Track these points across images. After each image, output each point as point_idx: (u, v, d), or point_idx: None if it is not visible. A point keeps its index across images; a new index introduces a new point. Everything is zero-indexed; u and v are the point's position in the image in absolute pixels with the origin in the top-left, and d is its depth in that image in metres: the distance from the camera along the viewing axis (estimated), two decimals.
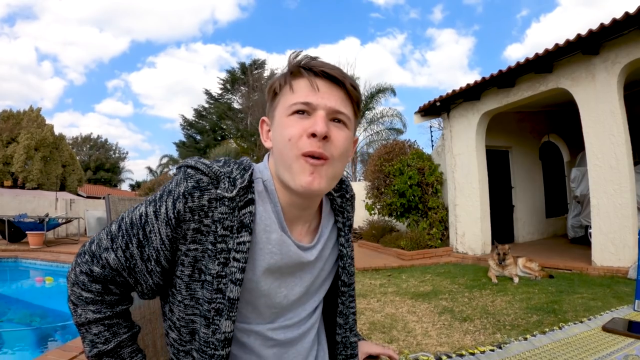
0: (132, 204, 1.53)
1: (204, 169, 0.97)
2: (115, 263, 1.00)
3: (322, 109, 0.99)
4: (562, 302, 5.39)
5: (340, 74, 1.02)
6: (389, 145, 12.56)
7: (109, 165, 48.24)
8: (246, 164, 1.03)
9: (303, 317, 1.15)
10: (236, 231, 0.96)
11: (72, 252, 12.13)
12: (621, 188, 6.93)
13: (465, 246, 10.05)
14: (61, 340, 5.42)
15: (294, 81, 1.01)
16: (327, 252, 1.18)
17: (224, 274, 0.95)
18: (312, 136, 0.97)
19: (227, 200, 0.95)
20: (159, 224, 0.97)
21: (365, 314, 5.40)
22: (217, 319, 0.96)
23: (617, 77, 6.95)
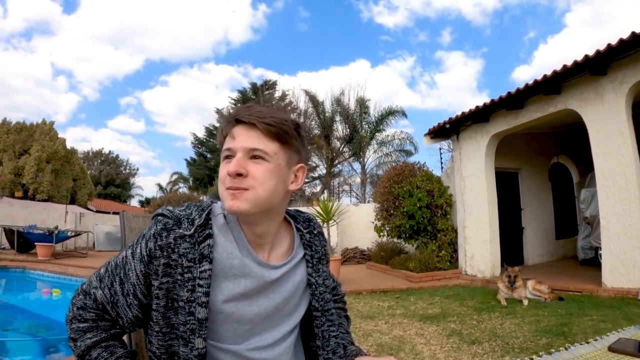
0: (145, 221, 1.67)
1: (168, 214, 1.18)
2: (102, 298, 1.17)
3: (239, 150, 1.17)
4: (571, 324, 5.34)
5: (255, 117, 1.18)
6: (399, 167, 12.58)
7: (119, 181, 48.45)
8: (204, 205, 1.25)
9: (278, 339, 1.27)
10: (198, 262, 1.13)
11: (80, 265, 12.22)
12: (630, 208, 6.88)
13: (475, 268, 9.99)
14: (65, 353, 5.45)
15: (226, 132, 1.22)
16: (298, 279, 1.33)
17: (193, 299, 1.11)
18: (229, 174, 1.15)
19: (187, 237, 1.14)
20: (135, 262, 1.15)
21: (373, 336, 5.38)
22: (192, 337, 1.11)
23: (625, 97, 6.95)
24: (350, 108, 28.24)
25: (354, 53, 69.42)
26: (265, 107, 1.27)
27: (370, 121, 28.08)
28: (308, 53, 67.05)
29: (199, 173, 38.22)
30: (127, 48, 71.13)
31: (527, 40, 67.25)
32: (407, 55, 67.71)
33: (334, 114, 28.55)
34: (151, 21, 67.98)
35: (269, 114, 1.20)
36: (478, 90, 66.20)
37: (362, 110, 28.08)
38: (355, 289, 8.76)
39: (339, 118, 28.50)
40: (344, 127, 28.63)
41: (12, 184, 27.30)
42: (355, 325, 5.93)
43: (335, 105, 28.48)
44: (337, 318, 1.53)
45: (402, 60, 64.57)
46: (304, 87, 32.07)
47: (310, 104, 28.72)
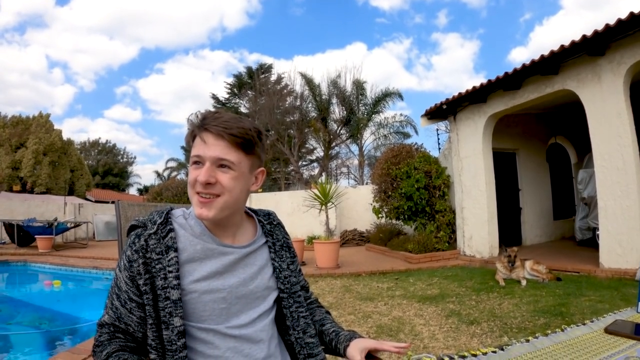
0: (140, 210, 1.76)
1: (137, 223, 1.36)
2: (109, 319, 1.33)
3: (208, 160, 1.30)
4: (569, 304, 5.39)
5: (222, 129, 1.31)
6: (396, 148, 12.57)
7: (117, 170, 48.33)
8: (164, 208, 1.42)
9: (254, 318, 1.40)
10: (165, 253, 1.29)
11: (81, 256, 12.28)
12: (628, 189, 6.91)
13: (473, 249, 10.04)
14: (69, 343, 5.46)
15: (195, 136, 1.35)
16: (261, 262, 1.48)
17: (166, 285, 1.26)
18: (199, 182, 1.30)
19: (153, 235, 1.31)
20: (121, 273, 1.32)
21: (373, 317, 5.43)
22: (171, 319, 1.25)
23: (623, 77, 6.94)
24: (346, 90, 28.13)
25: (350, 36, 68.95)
26: (231, 115, 1.39)
27: (367, 103, 28.03)
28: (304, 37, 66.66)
29: None
30: (122, 37, 70.72)
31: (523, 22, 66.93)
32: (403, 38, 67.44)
33: (331, 96, 28.45)
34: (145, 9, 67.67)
35: (235, 124, 1.33)
36: (475, 71, 66.01)
37: (359, 92, 27.99)
38: (354, 271, 8.84)
39: (336, 100, 28.40)
40: (340, 110, 28.52)
41: (10, 177, 27.25)
42: (355, 307, 5.99)
43: (332, 88, 28.37)
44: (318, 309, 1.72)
45: (399, 43, 64.26)
46: (300, 71, 31.88)
47: (307, 87, 28.61)
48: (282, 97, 30.19)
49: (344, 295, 6.75)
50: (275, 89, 31.82)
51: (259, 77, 33.65)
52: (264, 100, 29.33)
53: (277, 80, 34.47)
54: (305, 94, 29.17)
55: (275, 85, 33.05)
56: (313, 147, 31.88)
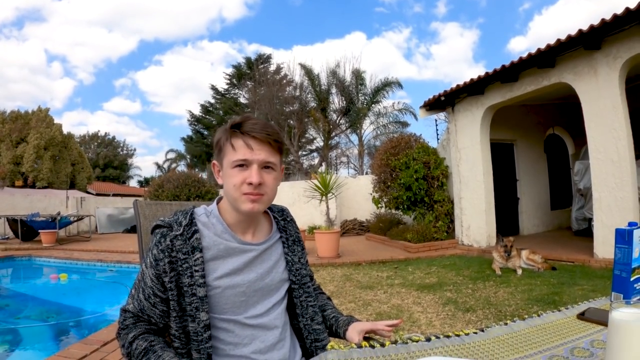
0: (157, 208, 1.87)
1: (162, 223, 1.45)
2: (133, 309, 1.44)
3: (256, 163, 1.43)
4: (562, 293, 5.54)
5: (266, 135, 1.45)
6: (395, 139, 12.64)
7: (117, 163, 48.23)
8: (187, 209, 1.51)
9: (269, 308, 1.54)
10: (191, 253, 1.40)
11: (84, 249, 12.38)
12: (622, 182, 7.05)
13: (471, 238, 10.20)
14: (77, 335, 5.60)
15: (234, 140, 1.45)
16: (276, 257, 1.61)
17: (193, 283, 1.38)
18: (249, 184, 1.42)
19: (179, 236, 1.41)
20: (147, 270, 1.43)
21: (372, 305, 5.59)
22: (197, 313, 1.37)
23: (619, 71, 7.03)
24: (346, 80, 28.10)
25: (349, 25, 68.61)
26: (264, 121, 1.54)
27: (367, 93, 28.00)
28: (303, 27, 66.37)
29: (197, 150, 38.19)
30: (120, 30, 70.21)
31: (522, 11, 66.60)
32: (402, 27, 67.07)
33: (330, 86, 28.43)
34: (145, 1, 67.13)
35: (273, 130, 1.48)
36: (474, 61, 65.75)
37: (358, 82, 27.96)
38: (354, 260, 8.99)
39: (335, 90, 28.38)
40: (340, 99, 28.51)
41: (12, 173, 27.25)
42: (355, 295, 6.14)
43: (331, 78, 28.32)
44: (320, 296, 1.89)
45: (398, 32, 64.05)
46: (299, 61, 31.94)
47: (306, 77, 28.58)
48: (281, 87, 30.18)
49: (345, 284, 6.90)
50: (274, 79, 31.81)
51: (258, 68, 33.62)
52: (263, 91, 29.34)
53: (276, 71, 34.45)
54: (304, 84, 29.17)
55: (275, 76, 33.02)
56: (313, 137, 31.88)
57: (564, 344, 1.20)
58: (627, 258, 1.45)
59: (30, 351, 5.27)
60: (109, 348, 3.89)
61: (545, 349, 1.17)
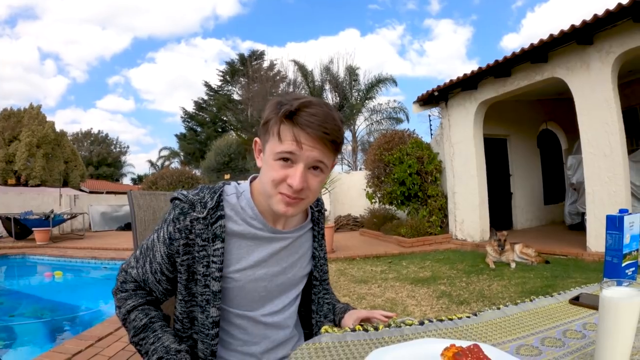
0: (151, 199, 1.80)
1: (183, 198, 1.28)
2: (136, 276, 1.34)
3: (303, 161, 1.21)
4: (555, 286, 5.57)
5: (323, 132, 1.19)
6: (389, 134, 12.71)
7: (110, 160, 48.15)
8: (217, 188, 1.33)
9: (286, 304, 1.45)
10: (211, 241, 1.26)
11: (79, 247, 12.32)
12: (615, 176, 7.09)
13: (464, 233, 10.23)
14: (71, 331, 5.59)
15: (282, 129, 1.21)
16: (303, 250, 1.49)
17: (208, 274, 1.25)
18: (289, 185, 1.21)
19: (201, 219, 1.25)
20: (159, 244, 1.30)
21: (367, 299, 5.62)
22: (208, 307, 1.27)
23: (611, 66, 7.07)
24: (339, 76, 28.21)
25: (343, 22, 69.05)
26: (326, 111, 1.24)
27: (360, 89, 28.15)
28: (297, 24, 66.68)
29: (190, 147, 38.12)
30: (114, 27, 70.44)
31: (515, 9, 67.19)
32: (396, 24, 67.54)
33: (324, 82, 28.52)
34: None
35: (332, 125, 1.22)
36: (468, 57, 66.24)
37: (352, 78, 28.07)
38: (349, 255, 9.01)
39: (329, 87, 28.48)
40: (333, 96, 28.59)
41: (4, 171, 27.14)
42: (350, 289, 6.17)
43: (325, 74, 28.44)
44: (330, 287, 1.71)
45: (392, 29, 64.49)
46: (292, 58, 31.88)
47: (299, 74, 28.68)
48: (274, 84, 30.18)
49: (339, 279, 6.92)
50: (267, 75, 31.82)
51: (251, 64, 33.65)
52: (256, 87, 29.34)
53: (269, 67, 34.47)
54: (298, 80, 29.26)
55: (268, 72, 33.03)
56: None
57: (556, 327, 1.22)
58: (619, 244, 1.47)
59: (25, 348, 5.25)
60: (104, 343, 3.89)
61: (537, 331, 1.19)
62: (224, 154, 24.27)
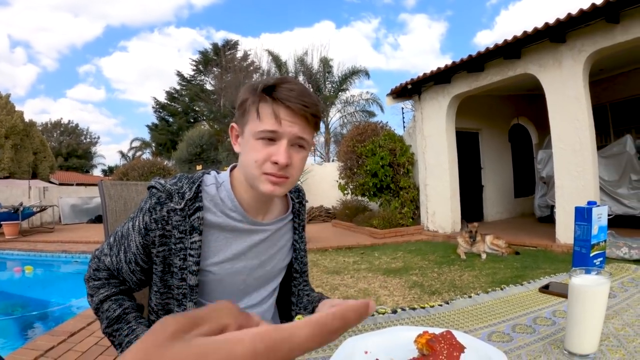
0: (122, 189, 1.75)
1: (160, 188, 1.24)
2: (110, 265, 1.29)
3: (286, 137, 1.18)
4: (525, 276, 5.66)
5: (302, 106, 1.18)
6: (362, 126, 12.76)
7: (80, 151, 47.10)
8: (195, 178, 1.29)
9: (264, 297, 1.43)
10: (189, 233, 1.22)
11: (49, 241, 12.09)
12: (584, 170, 7.24)
13: (436, 224, 10.34)
14: (43, 327, 5.47)
15: (261, 107, 1.18)
16: (282, 243, 1.46)
17: (185, 267, 1.22)
18: (274, 163, 1.18)
19: (178, 211, 1.21)
20: (134, 234, 1.25)
21: (340, 290, 5.64)
22: (184, 300, 1.23)
23: (583, 64, 7.20)
24: (313, 68, 28.19)
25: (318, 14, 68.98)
26: (303, 87, 1.24)
27: (334, 81, 28.16)
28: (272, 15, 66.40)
29: (162, 138, 37.69)
30: (87, 15, 69.22)
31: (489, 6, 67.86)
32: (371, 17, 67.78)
33: (297, 73, 28.39)
34: None
35: (311, 100, 1.21)
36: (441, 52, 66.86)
37: (326, 70, 28.06)
38: (321, 246, 9.04)
39: (303, 78, 28.35)
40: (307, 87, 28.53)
41: None
42: (322, 280, 6.19)
43: (299, 65, 28.34)
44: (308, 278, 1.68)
45: (367, 22, 64.79)
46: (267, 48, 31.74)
47: (273, 64, 28.53)
48: (248, 74, 29.94)
49: (312, 270, 6.93)
50: (241, 65, 31.60)
51: (225, 54, 33.37)
52: (229, 77, 29.13)
53: (243, 57, 34.25)
54: (272, 71, 29.05)
55: (242, 62, 32.82)
56: None
57: (527, 314, 1.24)
58: (587, 235, 1.51)
59: None
60: (76, 339, 3.84)
61: (508, 318, 1.21)
62: (196, 144, 24.02)
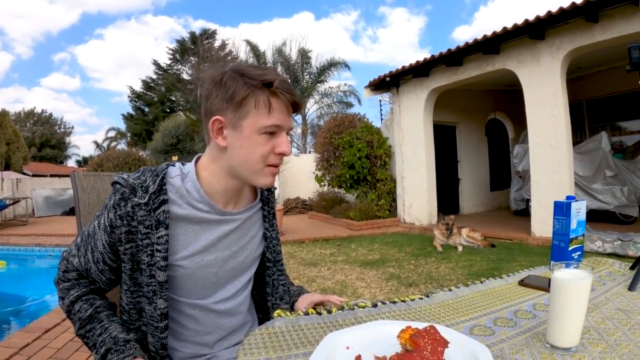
0: (96, 180, 1.69)
1: (123, 183, 1.20)
2: (78, 265, 1.26)
3: (286, 130, 1.23)
4: (501, 269, 5.74)
5: (301, 101, 1.24)
6: (339, 118, 12.74)
7: (54, 142, 46.10)
8: (159, 170, 1.24)
9: (238, 289, 1.40)
10: (155, 228, 1.18)
11: (22, 234, 11.84)
12: (560, 165, 7.36)
13: (412, 217, 10.40)
14: (17, 324, 5.41)
15: (273, 101, 1.18)
16: (253, 232, 1.43)
17: (153, 263, 1.18)
18: (278, 154, 1.22)
19: (143, 205, 1.18)
20: (100, 232, 1.21)
21: (317, 282, 5.64)
22: (155, 298, 1.20)
23: (561, 62, 7.30)
24: (292, 58, 27.98)
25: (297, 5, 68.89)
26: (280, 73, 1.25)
27: (312, 72, 28.01)
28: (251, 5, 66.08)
29: (137, 128, 37.21)
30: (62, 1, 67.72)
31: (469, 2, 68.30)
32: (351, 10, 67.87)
33: (276, 64, 28.16)
34: None
35: (297, 92, 1.25)
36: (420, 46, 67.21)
37: (304, 61, 27.91)
38: (298, 238, 9.03)
39: (281, 68, 28.11)
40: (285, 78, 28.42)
41: None
42: (299, 272, 6.19)
43: (277, 56, 28.12)
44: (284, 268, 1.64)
45: (346, 14, 64.82)
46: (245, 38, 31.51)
47: (251, 54, 28.25)
48: (225, 64, 29.42)
49: (289, 261, 6.92)
50: (219, 55, 31.27)
51: (202, 43, 32.98)
52: (207, 67, 28.80)
53: (221, 47, 33.88)
54: (250, 61, 28.77)
55: (219, 52, 32.47)
56: None
57: (507, 307, 1.24)
58: (566, 229, 1.52)
59: None
60: (51, 335, 3.77)
61: (489, 312, 1.21)
62: (172, 135, 23.71)
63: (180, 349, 1.33)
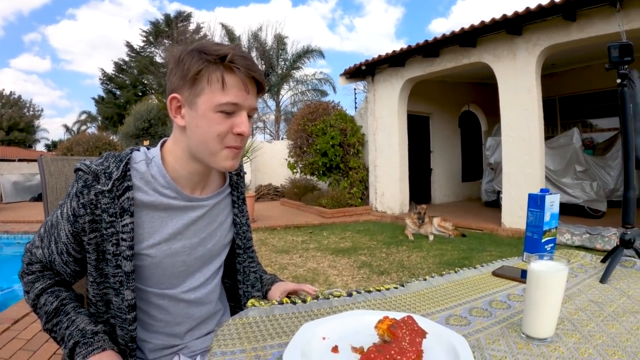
0: (63, 164, 1.64)
1: (85, 169, 1.15)
2: (42, 257, 1.22)
3: (246, 109, 1.16)
4: (472, 258, 5.82)
5: (262, 78, 1.16)
6: (313, 105, 12.72)
7: (23, 125, 44.89)
8: (123, 156, 1.19)
9: (208, 277, 1.36)
10: (119, 216, 1.13)
11: None
12: (531, 158, 7.48)
13: (384, 205, 10.48)
14: None
15: (227, 77, 1.11)
16: (222, 218, 1.39)
17: (118, 253, 1.14)
18: (237, 134, 1.15)
19: (106, 192, 1.12)
20: (63, 222, 1.17)
21: (289, 269, 5.63)
22: (122, 289, 1.16)
23: (537, 57, 7.39)
24: (267, 44, 27.78)
25: None
26: (243, 50, 1.18)
27: (287, 59, 27.88)
28: None
29: (108, 111, 36.56)
30: None
31: None
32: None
33: (251, 49, 27.92)
34: None
35: (259, 69, 1.17)
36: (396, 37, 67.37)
37: (280, 47, 27.75)
38: (269, 225, 8.99)
39: (256, 53, 27.92)
40: (260, 63, 28.15)
41: None
42: (271, 259, 6.17)
43: (253, 41, 27.88)
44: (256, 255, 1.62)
45: (324, 2, 64.56)
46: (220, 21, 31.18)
47: (227, 38, 27.97)
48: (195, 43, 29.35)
49: (260, 249, 6.90)
50: (193, 38, 30.91)
51: (177, 26, 32.57)
52: None
53: (195, 30, 33.47)
54: None
55: (194, 35, 32.10)
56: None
57: (482, 297, 1.24)
58: (539, 221, 1.54)
59: None
60: (21, 326, 3.67)
61: (464, 301, 1.21)
62: (144, 119, 23.39)
63: (151, 341, 1.29)
